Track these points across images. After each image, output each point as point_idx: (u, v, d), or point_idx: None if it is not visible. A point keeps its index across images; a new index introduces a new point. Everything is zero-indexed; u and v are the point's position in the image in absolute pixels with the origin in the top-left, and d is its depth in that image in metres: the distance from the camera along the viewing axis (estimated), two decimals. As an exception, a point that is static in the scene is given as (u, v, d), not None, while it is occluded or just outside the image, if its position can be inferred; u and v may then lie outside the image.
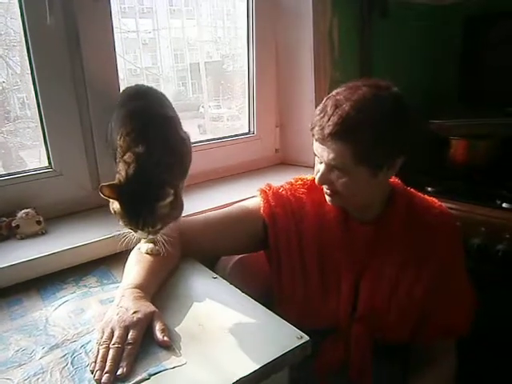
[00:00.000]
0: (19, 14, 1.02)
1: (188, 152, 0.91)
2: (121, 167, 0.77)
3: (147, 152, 0.77)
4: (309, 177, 1.04)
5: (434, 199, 1.02)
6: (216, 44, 1.61)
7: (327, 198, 0.95)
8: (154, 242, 0.86)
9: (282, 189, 1.03)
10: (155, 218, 0.75)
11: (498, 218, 1.22)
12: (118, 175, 0.77)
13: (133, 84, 1.03)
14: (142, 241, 0.88)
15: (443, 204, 1.01)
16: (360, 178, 0.87)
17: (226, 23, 1.61)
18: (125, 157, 0.78)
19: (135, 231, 0.77)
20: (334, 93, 0.89)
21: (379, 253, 0.95)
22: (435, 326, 0.98)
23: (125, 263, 0.88)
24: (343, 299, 0.95)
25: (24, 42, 1.04)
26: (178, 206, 0.79)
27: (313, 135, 0.89)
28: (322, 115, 0.86)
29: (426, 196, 1.03)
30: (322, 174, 0.90)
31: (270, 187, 1.03)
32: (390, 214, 0.96)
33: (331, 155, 0.86)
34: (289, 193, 1.02)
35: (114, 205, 0.76)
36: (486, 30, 1.71)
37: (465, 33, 1.76)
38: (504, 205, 1.25)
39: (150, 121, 0.85)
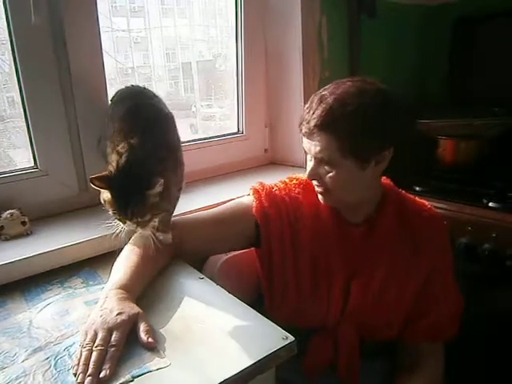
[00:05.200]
0: (3, 12, 1.00)
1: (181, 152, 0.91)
2: (113, 158, 0.78)
3: (141, 143, 0.78)
4: (303, 176, 1.03)
5: (424, 202, 1.03)
6: (208, 43, 1.60)
7: (319, 196, 0.96)
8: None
9: (275, 188, 1.02)
10: (144, 208, 0.75)
11: (485, 217, 1.22)
12: (109, 166, 0.78)
13: (125, 82, 1.03)
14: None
15: (432, 206, 1.02)
16: (348, 172, 0.88)
17: (218, 22, 1.60)
18: (118, 147, 0.78)
19: (124, 222, 0.77)
20: (321, 90, 0.91)
21: (370, 254, 0.95)
22: (422, 328, 0.98)
23: (112, 264, 0.87)
24: (334, 299, 0.95)
25: (9, 41, 1.03)
26: (167, 197, 0.79)
27: (300, 131, 0.91)
28: (307, 110, 0.89)
29: (417, 198, 1.04)
30: (312, 169, 0.91)
31: (263, 186, 1.02)
32: (381, 216, 0.96)
33: (318, 148, 0.87)
34: (283, 192, 1.01)
35: (104, 194, 0.77)
36: (475, 31, 1.72)
37: (453, 34, 1.77)
38: (491, 204, 1.26)
39: (149, 116, 0.86)
